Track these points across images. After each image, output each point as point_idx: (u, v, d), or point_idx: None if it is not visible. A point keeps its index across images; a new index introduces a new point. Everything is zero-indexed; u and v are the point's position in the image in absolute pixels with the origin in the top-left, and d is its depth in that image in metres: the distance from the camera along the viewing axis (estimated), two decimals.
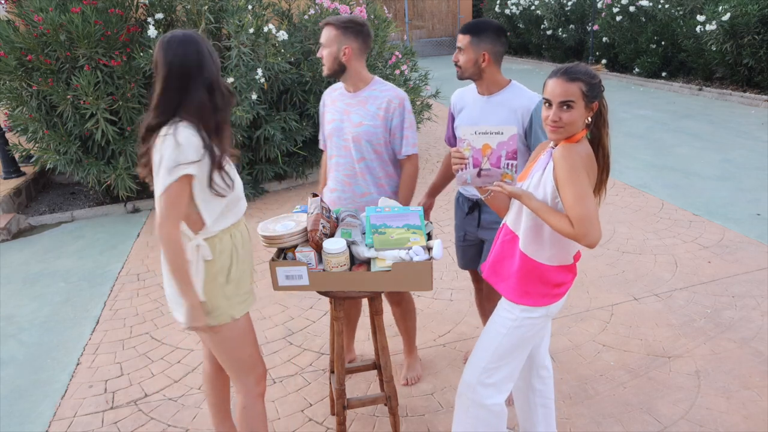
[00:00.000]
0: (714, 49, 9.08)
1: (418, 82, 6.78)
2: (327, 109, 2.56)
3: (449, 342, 3.20)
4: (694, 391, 2.69)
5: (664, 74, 10.81)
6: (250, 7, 5.25)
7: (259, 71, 5.02)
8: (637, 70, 11.20)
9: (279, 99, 5.73)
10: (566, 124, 1.73)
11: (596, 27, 12.05)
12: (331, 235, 2.13)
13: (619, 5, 11.30)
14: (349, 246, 2.09)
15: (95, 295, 3.99)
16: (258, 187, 5.89)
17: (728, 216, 4.66)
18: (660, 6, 10.54)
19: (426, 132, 8.04)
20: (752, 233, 4.32)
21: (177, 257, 1.77)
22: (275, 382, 2.93)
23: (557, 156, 1.74)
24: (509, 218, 1.97)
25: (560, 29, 13.51)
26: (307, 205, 2.22)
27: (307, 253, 2.04)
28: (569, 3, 13.18)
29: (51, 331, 3.57)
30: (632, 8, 10.99)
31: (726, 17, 8.64)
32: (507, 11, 15.56)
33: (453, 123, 2.54)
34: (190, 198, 1.80)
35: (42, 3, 4.92)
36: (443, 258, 4.20)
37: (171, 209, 1.75)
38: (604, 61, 12.14)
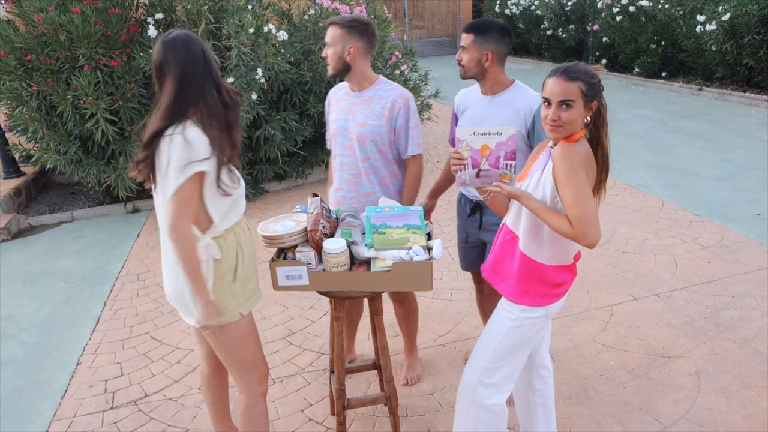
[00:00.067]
0: (714, 49, 9.08)
1: (418, 82, 6.78)
2: (332, 109, 2.55)
3: (449, 342, 3.20)
4: (694, 391, 2.69)
5: (664, 74, 10.81)
6: (250, 7, 5.25)
7: (259, 71, 5.03)
8: (637, 70, 11.20)
9: (279, 99, 5.74)
10: (565, 124, 1.73)
11: (596, 27, 12.05)
12: (331, 235, 2.13)
13: (619, 5, 11.29)
14: (349, 246, 2.09)
15: (95, 295, 3.99)
16: (258, 187, 5.89)
17: (728, 216, 4.66)
18: (660, 6, 10.54)
19: (426, 132, 8.04)
20: (752, 233, 4.32)
21: (192, 257, 1.75)
22: (275, 382, 2.93)
23: (556, 155, 1.74)
24: (509, 218, 1.97)
25: (560, 29, 13.50)
26: (307, 205, 2.22)
27: (307, 253, 2.04)
28: (569, 3, 13.17)
29: (51, 331, 3.57)
30: (632, 8, 10.98)
31: (726, 17, 8.64)
32: (507, 11, 15.54)
33: (456, 124, 2.54)
34: (200, 197, 1.78)
35: (42, 3, 4.92)
36: (443, 258, 4.20)
37: (184, 208, 1.72)
38: (604, 61, 12.14)
